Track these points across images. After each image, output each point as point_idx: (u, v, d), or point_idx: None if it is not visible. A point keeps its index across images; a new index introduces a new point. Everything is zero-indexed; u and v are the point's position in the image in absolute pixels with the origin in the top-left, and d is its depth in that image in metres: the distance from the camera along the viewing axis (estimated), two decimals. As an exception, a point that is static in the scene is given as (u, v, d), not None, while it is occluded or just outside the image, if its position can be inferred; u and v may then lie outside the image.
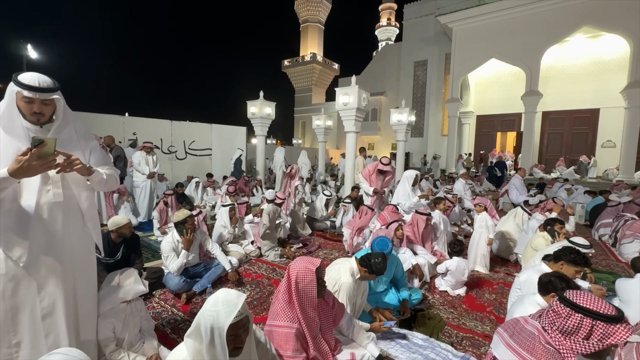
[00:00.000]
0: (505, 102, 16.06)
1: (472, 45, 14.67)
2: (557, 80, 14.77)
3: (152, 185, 5.74)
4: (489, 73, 16.33)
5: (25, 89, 1.37)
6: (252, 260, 3.98)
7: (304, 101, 30.68)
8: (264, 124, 9.08)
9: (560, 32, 12.58)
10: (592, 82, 14.08)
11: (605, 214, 5.64)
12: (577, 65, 14.39)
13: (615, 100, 12.61)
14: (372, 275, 2.12)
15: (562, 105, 14.79)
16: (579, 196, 7.87)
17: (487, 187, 11.62)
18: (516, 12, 13.42)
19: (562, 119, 15.08)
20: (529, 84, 13.12)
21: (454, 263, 3.16)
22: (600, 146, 14.37)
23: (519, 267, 3.88)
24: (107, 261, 2.62)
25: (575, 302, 1.21)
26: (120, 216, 2.66)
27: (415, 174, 4.96)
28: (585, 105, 14.32)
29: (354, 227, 4.26)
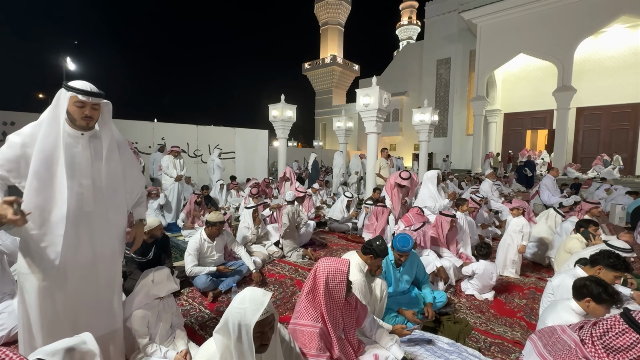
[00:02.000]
0: (535, 99, 15.33)
1: (498, 41, 14.15)
2: (593, 74, 13.91)
3: (179, 188, 5.98)
4: (516, 69, 15.67)
5: (79, 93, 1.52)
6: (275, 260, 4.05)
7: (324, 103, 30.81)
8: (285, 126, 9.20)
9: (595, 23, 11.86)
10: (632, 74, 13.13)
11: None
12: (614, 57, 13.48)
13: (660, 93, 11.69)
14: (378, 259, 2.13)
15: (599, 101, 13.90)
16: (620, 197, 7.38)
17: (516, 188, 11.14)
18: (546, 4, 12.80)
19: (598, 115, 14.17)
20: (561, 79, 12.46)
21: (480, 266, 3.06)
22: (643, 143, 13.37)
23: (552, 271, 3.70)
24: (140, 260, 2.76)
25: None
26: (152, 218, 2.80)
27: (437, 173, 4.85)
28: (625, 100, 13.38)
29: (375, 230, 4.23)
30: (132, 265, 2.76)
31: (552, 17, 12.69)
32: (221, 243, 3.27)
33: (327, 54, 32.01)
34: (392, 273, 2.63)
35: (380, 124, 7.10)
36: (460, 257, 3.63)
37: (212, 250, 3.18)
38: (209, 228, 3.10)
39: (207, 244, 3.15)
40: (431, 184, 4.82)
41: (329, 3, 31.82)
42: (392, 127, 22.66)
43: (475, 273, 3.08)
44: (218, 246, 3.23)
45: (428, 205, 4.66)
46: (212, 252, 3.18)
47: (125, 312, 1.97)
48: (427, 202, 4.71)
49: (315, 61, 32.50)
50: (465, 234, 3.90)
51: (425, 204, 4.69)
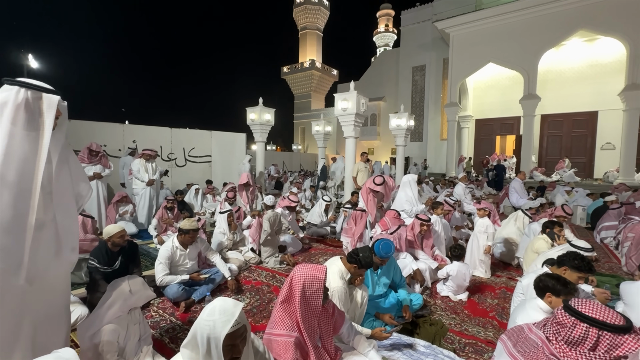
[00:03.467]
0: (504, 106, 16.12)
1: (469, 50, 14.78)
2: (555, 83, 14.85)
3: (151, 193, 5.73)
4: (486, 77, 16.42)
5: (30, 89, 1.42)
6: (251, 267, 3.95)
7: (303, 107, 30.85)
8: (264, 130, 9.10)
9: (556, 36, 12.69)
10: (589, 85, 14.15)
11: (607, 217, 5.60)
12: (574, 68, 14.47)
13: (614, 102, 12.65)
14: (361, 270, 2.12)
15: (561, 109, 14.84)
16: (580, 199, 7.85)
17: (487, 191, 11.59)
18: (512, 17, 13.54)
19: (560, 122, 15.12)
20: (526, 87, 13.19)
21: (454, 268, 3.13)
22: (599, 148, 14.38)
23: (521, 271, 3.84)
24: (105, 270, 2.60)
25: (581, 311, 1.18)
26: (113, 225, 2.64)
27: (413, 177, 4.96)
28: (584, 108, 14.37)
29: (354, 235, 4.23)
30: (97, 275, 2.59)
31: (518, 30, 13.45)
32: (195, 251, 3.14)
33: (306, 59, 32.14)
34: (370, 277, 2.63)
35: (359, 128, 7.15)
36: (435, 259, 3.69)
37: (185, 259, 3.05)
38: (181, 236, 2.97)
39: (179, 251, 3.01)
40: (409, 187, 4.91)
41: (308, 8, 32.04)
42: (370, 132, 23.02)
43: (449, 275, 3.14)
44: (191, 254, 3.10)
45: (405, 209, 4.74)
46: (184, 260, 3.05)
47: (92, 327, 1.83)
48: (404, 206, 4.79)
49: (294, 65, 32.52)
50: (439, 236, 3.99)
51: (403, 208, 4.76)
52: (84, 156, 5.04)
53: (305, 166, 21.30)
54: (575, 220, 7.05)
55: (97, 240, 3.44)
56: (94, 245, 3.19)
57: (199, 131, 10.00)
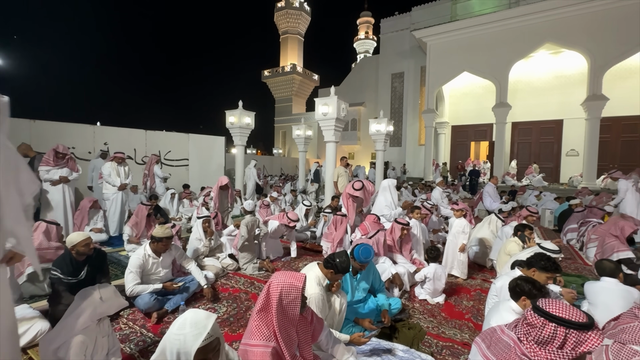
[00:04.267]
0: (478, 113, 16.78)
1: (445, 59, 15.30)
2: (524, 93, 15.64)
3: (123, 198, 5.48)
4: (461, 85, 17.05)
5: None
6: (229, 274, 3.85)
7: (284, 111, 30.76)
8: (243, 133, 8.97)
9: (525, 47, 13.39)
10: (555, 94, 15.02)
11: (572, 219, 5.92)
12: (541, 79, 15.32)
13: (577, 111, 13.47)
14: (339, 275, 2.11)
15: (530, 117, 15.64)
16: (548, 202, 8.25)
17: (462, 195, 11.97)
18: (485, 29, 14.18)
19: (529, 129, 15.92)
20: (498, 96, 13.80)
21: (431, 270, 3.18)
22: (565, 155, 15.25)
23: (495, 273, 3.97)
24: (70, 281, 2.44)
25: (549, 311, 1.22)
26: (77, 233, 2.49)
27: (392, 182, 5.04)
28: (550, 116, 15.22)
29: (334, 240, 4.23)
30: (60, 287, 2.43)
31: (490, 41, 14.09)
32: (168, 258, 3.02)
33: (287, 63, 32.13)
34: (349, 282, 2.62)
35: (339, 133, 7.20)
36: (414, 263, 3.74)
37: (158, 267, 2.92)
38: (154, 243, 2.85)
39: (152, 260, 2.88)
40: (388, 192, 4.98)
41: (289, 13, 32.12)
42: (351, 136, 23.26)
43: (427, 277, 3.19)
44: (165, 262, 2.97)
45: (384, 213, 4.79)
46: (157, 268, 2.92)
47: (58, 338, 1.70)
48: (383, 211, 4.85)
49: (275, 69, 32.43)
50: (418, 240, 4.06)
51: (382, 212, 4.82)
52: (49, 159, 4.75)
53: (286, 170, 21.17)
54: (544, 222, 7.40)
55: (62, 248, 3.23)
56: (58, 254, 2.99)
57: (175, 134, 9.72)
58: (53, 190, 4.71)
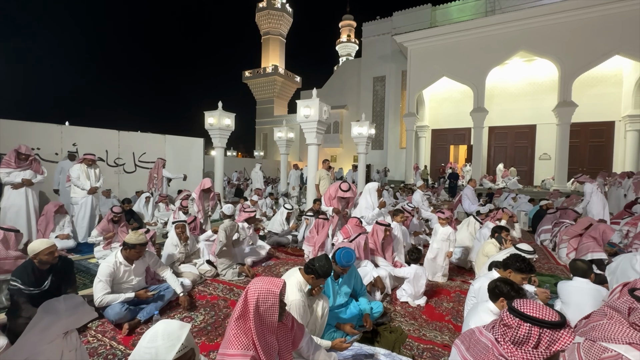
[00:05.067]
0: (457, 118, 17.33)
1: (425, 64, 15.72)
2: (500, 98, 16.31)
3: (93, 202, 5.24)
4: (441, 90, 17.56)
5: None
6: (207, 280, 3.74)
7: (265, 113, 30.54)
8: (223, 135, 8.82)
9: (501, 55, 13.99)
10: (529, 100, 15.75)
11: (545, 221, 6.20)
12: (516, 85, 16.04)
13: (549, 117, 14.19)
14: (320, 279, 2.10)
15: (505, 121, 16.32)
16: (523, 204, 8.59)
17: (442, 198, 12.27)
18: (463, 35, 14.70)
19: (505, 133, 16.60)
20: (476, 101, 14.32)
21: (411, 270, 3.23)
22: (538, 158, 16.00)
23: (474, 274, 4.08)
24: (32, 292, 2.29)
25: (523, 311, 1.26)
26: (39, 240, 2.34)
27: (377, 186, 5.10)
28: (524, 121, 15.95)
29: (315, 244, 4.21)
30: (20, 298, 2.27)
31: (468, 47, 14.62)
32: (142, 266, 2.90)
33: (269, 64, 31.98)
34: (330, 286, 2.61)
35: (321, 136, 7.22)
36: (395, 266, 3.78)
37: (130, 275, 2.80)
38: (126, 250, 2.72)
39: (123, 267, 2.75)
40: (370, 195, 5.03)
41: (271, 13, 32.03)
42: (333, 139, 23.39)
43: (406, 277, 3.23)
44: (137, 269, 2.85)
45: (364, 215, 4.84)
46: (130, 276, 2.80)
47: (19, 355, 1.57)
48: (363, 213, 4.89)
49: (257, 70, 32.19)
50: (399, 243, 4.11)
51: (362, 214, 4.86)
52: (10, 160, 4.47)
53: (267, 173, 20.98)
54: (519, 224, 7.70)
55: (23, 257, 3.04)
56: (18, 263, 2.81)
57: (151, 135, 9.42)
58: (15, 195, 4.43)
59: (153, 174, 7.87)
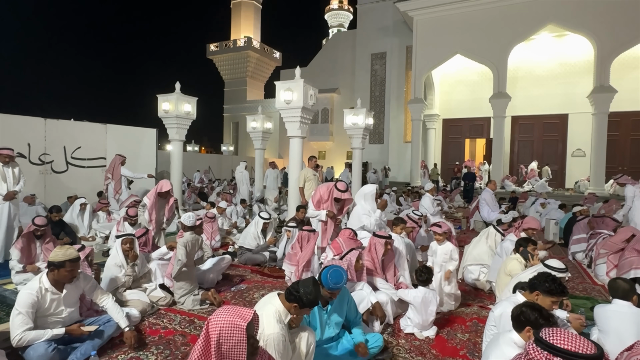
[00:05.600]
0: (473, 105, 17.71)
1: (435, 38, 15.99)
2: (525, 81, 16.76)
3: (10, 211, 5.09)
4: (454, 71, 17.91)
5: None
6: (160, 310, 3.68)
7: (236, 97, 30.36)
8: (182, 125, 8.72)
9: (526, 28, 14.38)
10: (559, 85, 16.25)
11: (576, 229, 6.34)
12: (543, 66, 16.51)
13: (583, 105, 14.66)
14: (305, 309, 2.09)
15: (531, 110, 16.79)
16: (553, 211, 8.81)
17: (457, 204, 12.47)
18: (482, 4, 15.01)
19: (531, 124, 17.06)
20: (496, 84, 14.67)
21: (419, 294, 3.24)
22: (570, 155, 16.49)
23: (494, 298, 4.15)
24: None
25: (553, 343, 1.29)
26: None
27: (375, 188, 5.14)
28: (554, 110, 16.44)
29: (298, 262, 4.20)
30: None
31: (487, 19, 14.96)
32: (74, 293, 2.82)
33: (241, 36, 31.79)
34: (317, 316, 2.60)
35: (306, 126, 7.22)
36: (399, 288, 3.81)
37: (60, 305, 2.72)
38: (54, 272, 2.64)
39: (50, 295, 2.67)
40: (365, 200, 5.06)
41: (242, -29, 31.91)
42: (321, 131, 23.49)
43: (412, 303, 3.25)
44: (69, 298, 2.77)
45: (364, 223, 4.86)
46: (59, 307, 2.71)
47: None
48: (362, 220, 4.91)
49: (225, 43, 31.95)
50: (402, 258, 4.14)
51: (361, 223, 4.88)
52: None
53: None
54: (548, 235, 7.88)
55: None
56: None
57: (88, 124, 9.23)
58: None
59: (108, 174, 7.75)
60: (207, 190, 13.11)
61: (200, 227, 4.36)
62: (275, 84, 7.08)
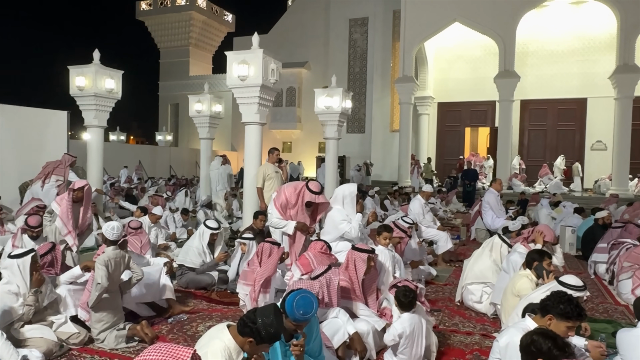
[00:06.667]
0: (475, 86, 18.18)
1: (429, 2, 16.22)
2: (537, 58, 17.36)
3: None
4: (452, 43, 18.32)
5: None
6: (73, 351, 3.57)
7: (175, 72, 29.76)
8: (102, 106, 8.50)
9: (537, -8, 14.84)
10: (577, 62, 16.90)
11: (605, 239, 6.55)
12: (558, 39, 17.14)
13: (605, 88, 15.27)
14: (263, 346, 2.07)
15: (544, 93, 17.40)
16: (568, 217, 9.11)
17: (454, 208, 12.73)
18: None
19: (544, 110, 17.69)
20: (502, 61, 15.08)
21: (405, 323, 3.27)
22: (589, 148, 17.17)
23: (499, 324, 4.27)
24: None
25: None
26: None
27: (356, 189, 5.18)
28: (571, 93, 17.11)
29: (256, 282, 4.17)
30: None
31: (491, -21, 15.32)
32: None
33: (181, -9, 31.22)
34: (279, 352, 2.58)
35: (266, 110, 7.19)
36: (383, 315, 3.85)
37: None
38: None
39: None
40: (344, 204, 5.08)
41: None
42: (287, 116, 23.40)
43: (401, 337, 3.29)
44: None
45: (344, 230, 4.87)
46: None
47: None
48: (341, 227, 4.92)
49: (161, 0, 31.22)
50: (387, 276, 4.18)
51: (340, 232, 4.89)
52: None
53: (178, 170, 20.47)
54: (564, 246, 8.16)
55: None
56: None
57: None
58: None
59: (58, 176, 7.57)
60: (136, 192, 12.77)
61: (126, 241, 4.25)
62: (227, 55, 7.00)
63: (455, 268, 6.66)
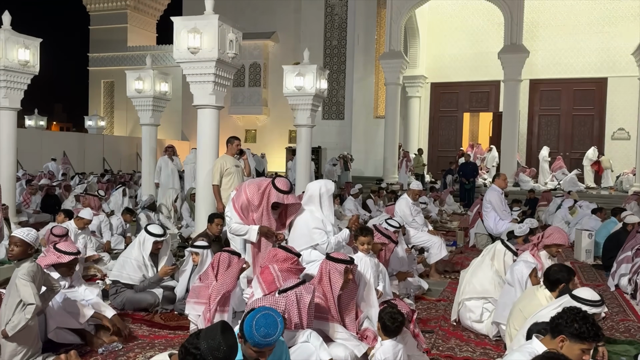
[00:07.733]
0: (476, 62, 18.42)
1: (420, -39, 16.33)
2: (549, 30, 17.66)
3: None
4: (448, 12, 18.55)
5: None
6: (-23, 389, 3.47)
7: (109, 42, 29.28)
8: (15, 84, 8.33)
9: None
10: (595, 36, 17.25)
11: (626, 243, 6.67)
12: (575, 9, 17.45)
13: (628, 66, 15.67)
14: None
15: (557, 71, 17.75)
16: (586, 219, 9.28)
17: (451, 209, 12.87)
18: None
19: (557, 92, 18.00)
20: (508, 33, 15.27)
21: (388, 354, 3.29)
22: (610, 137, 17.55)
23: (503, 347, 4.34)
24: None
25: None
26: None
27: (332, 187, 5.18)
28: (588, 72, 17.49)
29: (210, 300, 4.14)
30: None
31: None
32: None
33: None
34: (237, 387, 2.57)
35: (224, 91, 7.16)
36: (363, 338, 3.87)
37: None
38: None
39: None
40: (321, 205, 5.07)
41: None
42: (250, 98, 23.28)
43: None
44: None
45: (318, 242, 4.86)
46: None
47: None
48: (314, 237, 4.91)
49: (91, -46, 30.69)
50: (368, 289, 4.19)
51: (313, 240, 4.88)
52: None
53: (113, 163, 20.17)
54: (580, 254, 8.32)
55: None
56: None
57: None
58: None
59: None
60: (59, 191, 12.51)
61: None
62: (174, 22, 6.92)
63: (450, 280, 6.73)
